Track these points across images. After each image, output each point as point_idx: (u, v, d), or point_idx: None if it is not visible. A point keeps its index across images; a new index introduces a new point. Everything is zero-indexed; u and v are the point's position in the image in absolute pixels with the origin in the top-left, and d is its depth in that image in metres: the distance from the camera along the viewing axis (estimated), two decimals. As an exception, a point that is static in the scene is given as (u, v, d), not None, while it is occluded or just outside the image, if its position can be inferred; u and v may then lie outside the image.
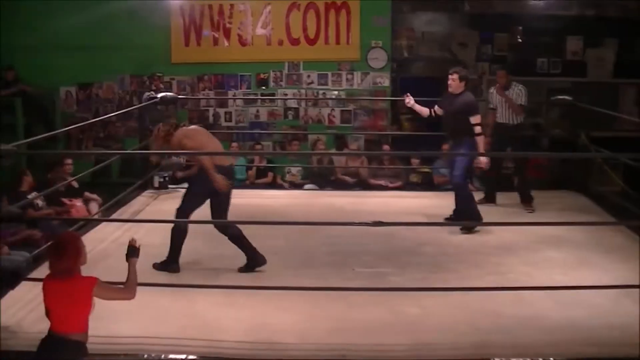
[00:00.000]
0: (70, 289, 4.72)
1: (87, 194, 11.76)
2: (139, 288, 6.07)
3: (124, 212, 9.84)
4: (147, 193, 10.83)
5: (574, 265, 7.69)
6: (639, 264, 7.55)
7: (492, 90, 10.74)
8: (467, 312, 6.29)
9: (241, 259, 7.62)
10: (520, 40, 16.46)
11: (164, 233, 8.45)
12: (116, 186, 11.32)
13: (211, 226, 8.13)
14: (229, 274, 7.23)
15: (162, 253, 7.83)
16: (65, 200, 11.05)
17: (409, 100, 9.77)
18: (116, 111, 12.84)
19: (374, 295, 6.56)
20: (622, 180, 11.20)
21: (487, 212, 9.61)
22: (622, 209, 9.90)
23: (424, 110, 9.92)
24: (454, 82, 9.45)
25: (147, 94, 11.35)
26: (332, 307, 6.33)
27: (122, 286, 5.12)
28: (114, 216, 9.71)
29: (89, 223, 9.13)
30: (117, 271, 7.16)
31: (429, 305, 6.43)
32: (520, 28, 16.41)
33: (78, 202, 11.21)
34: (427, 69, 16.32)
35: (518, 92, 10.47)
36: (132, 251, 5.18)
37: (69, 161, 11.78)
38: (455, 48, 16.43)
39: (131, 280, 5.11)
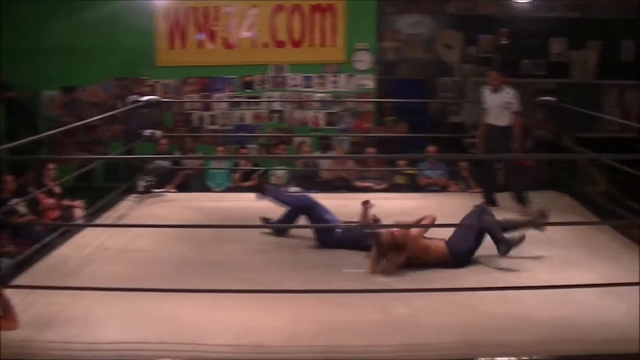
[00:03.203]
0: None
1: (67, 201, 11.73)
2: (125, 293, 6.07)
3: (108, 216, 9.78)
4: (131, 197, 10.78)
5: (559, 264, 7.69)
6: (623, 263, 7.66)
7: (485, 90, 10.69)
8: (455, 312, 6.28)
9: (228, 262, 7.64)
10: (504, 42, 16.49)
11: (149, 237, 8.45)
12: (101, 190, 11.27)
13: (198, 230, 8.14)
14: (215, 278, 7.19)
15: (148, 258, 7.83)
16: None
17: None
18: (100, 115, 12.80)
19: (362, 296, 6.54)
20: (606, 181, 11.24)
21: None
22: (606, 209, 9.93)
23: None
24: None
25: (132, 97, 11.29)
26: (320, 309, 6.30)
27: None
28: (98, 221, 9.66)
29: (73, 228, 9.07)
30: (101, 277, 7.18)
31: (418, 305, 6.41)
32: (505, 30, 16.44)
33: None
34: (413, 70, 16.37)
35: (509, 95, 10.44)
36: None
37: (52, 166, 11.74)
38: (440, 50, 16.47)
39: (6, 308, 4.96)
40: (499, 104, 10.39)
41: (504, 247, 7.77)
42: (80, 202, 11.76)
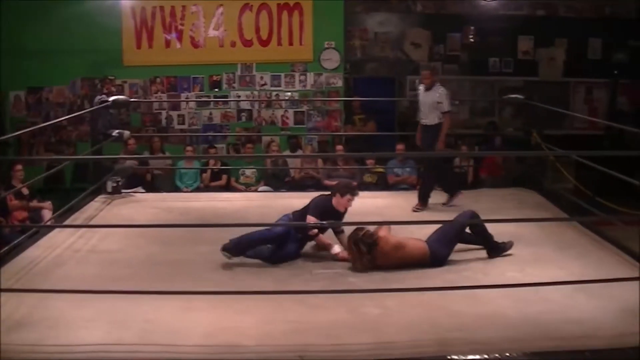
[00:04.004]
0: None
1: (35, 202, 11.65)
2: (97, 295, 6.03)
3: (77, 218, 9.70)
4: (100, 198, 10.70)
5: (529, 261, 7.72)
6: (593, 259, 7.71)
7: (420, 88, 10.62)
8: (426, 311, 6.29)
9: (199, 262, 7.62)
10: (472, 40, 16.58)
11: (119, 238, 8.39)
12: (69, 192, 11.19)
13: (168, 231, 8.10)
14: (186, 279, 7.16)
15: (118, 259, 7.78)
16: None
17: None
18: (67, 115, 12.70)
19: (333, 296, 6.53)
20: (574, 178, 11.29)
21: (440, 210, 9.70)
22: (574, 205, 9.99)
23: None
24: None
25: (99, 97, 11.21)
26: (292, 310, 6.29)
27: None
28: (67, 222, 9.58)
29: (42, 230, 8.99)
30: (71, 278, 7.13)
31: (389, 305, 6.42)
32: (473, 28, 16.54)
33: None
34: (381, 69, 16.39)
35: (440, 95, 10.30)
36: None
37: (19, 167, 11.64)
38: (408, 48, 16.51)
39: None
40: (429, 103, 10.33)
41: (496, 253, 7.85)
42: (49, 203, 11.68)
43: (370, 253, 7.43)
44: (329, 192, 8.31)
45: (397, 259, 7.50)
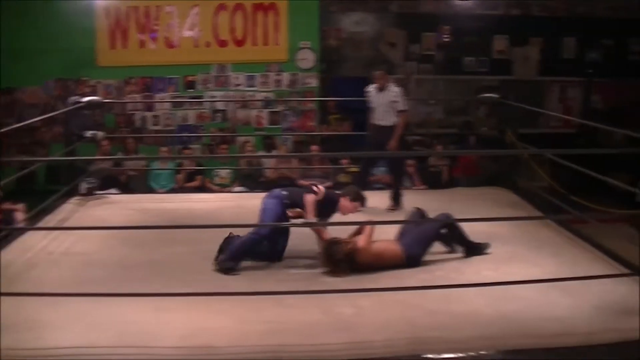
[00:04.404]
0: None
1: (8, 204, 11.55)
2: (71, 298, 5.98)
3: (50, 220, 9.61)
4: (74, 200, 10.63)
5: (503, 260, 7.73)
6: (567, 257, 7.74)
7: (371, 90, 10.54)
8: (400, 311, 6.28)
9: (174, 263, 7.59)
10: (447, 39, 16.62)
11: (93, 240, 8.34)
12: (42, 193, 11.10)
13: (143, 232, 8.06)
14: (161, 280, 7.12)
15: (93, 261, 7.73)
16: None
17: None
18: (41, 116, 12.61)
19: (308, 296, 6.52)
20: (548, 176, 11.34)
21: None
22: (549, 204, 10.02)
23: None
24: None
25: (73, 98, 11.13)
26: (267, 310, 6.27)
27: None
28: (40, 224, 9.49)
29: (15, 232, 8.90)
30: (44, 281, 7.07)
31: (364, 304, 6.41)
32: (448, 27, 16.58)
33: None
34: (356, 69, 16.39)
35: (395, 94, 10.27)
36: None
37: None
38: (383, 48, 16.53)
39: None
40: (384, 103, 10.24)
41: (473, 253, 7.86)
42: (22, 205, 11.58)
43: (347, 262, 7.39)
44: (338, 191, 8.22)
45: (376, 266, 7.48)
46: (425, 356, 5.51)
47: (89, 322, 6.01)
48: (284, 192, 7.99)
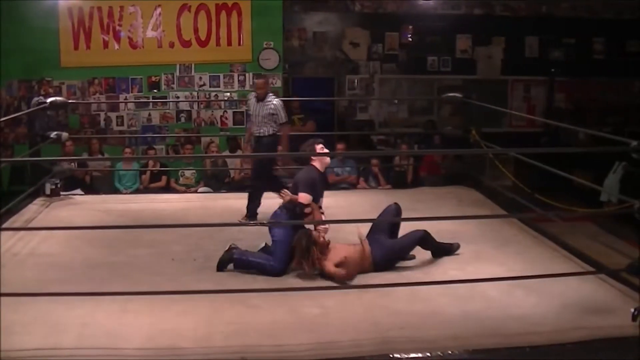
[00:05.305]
0: None
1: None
2: (34, 298, 5.91)
3: (15, 221, 9.53)
4: (38, 200, 10.55)
5: (469, 259, 7.76)
6: (531, 256, 7.79)
7: (251, 98, 10.31)
8: (367, 310, 6.29)
9: (138, 265, 7.54)
10: (410, 39, 16.68)
11: (58, 241, 8.28)
12: (6, 194, 11.01)
13: (107, 233, 8.03)
14: (126, 281, 7.08)
15: (58, 262, 7.67)
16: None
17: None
18: (4, 117, 12.50)
19: (273, 296, 6.51)
20: (512, 175, 11.40)
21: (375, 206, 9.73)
22: (513, 202, 10.07)
23: None
24: None
25: (36, 99, 11.02)
26: (232, 310, 6.26)
27: None
28: (5, 225, 9.40)
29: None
30: (11, 283, 7.00)
31: (329, 304, 6.41)
32: (411, 27, 16.65)
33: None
34: (319, 69, 16.41)
35: (274, 107, 9.97)
36: None
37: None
38: (346, 48, 16.56)
39: None
40: (261, 114, 9.98)
41: (442, 254, 7.88)
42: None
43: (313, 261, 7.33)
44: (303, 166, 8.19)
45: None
46: (391, 356, 5.51)
47: (52, 323, 5.96)
48: (284, 210, 8.00)
